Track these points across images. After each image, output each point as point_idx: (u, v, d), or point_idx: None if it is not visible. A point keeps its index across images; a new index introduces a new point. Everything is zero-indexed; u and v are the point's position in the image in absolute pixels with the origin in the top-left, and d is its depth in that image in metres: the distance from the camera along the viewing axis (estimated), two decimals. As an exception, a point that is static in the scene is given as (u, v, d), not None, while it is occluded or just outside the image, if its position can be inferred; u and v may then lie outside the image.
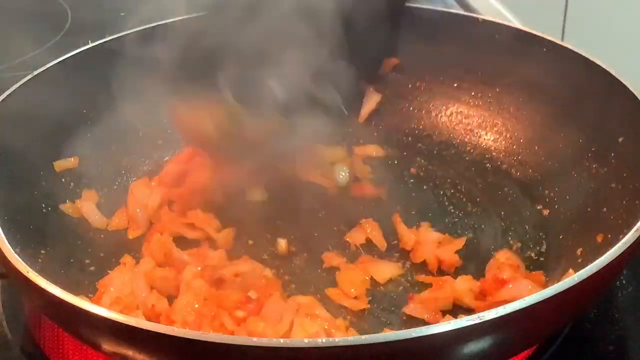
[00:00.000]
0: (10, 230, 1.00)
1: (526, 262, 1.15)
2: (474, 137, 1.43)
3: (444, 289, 1.07)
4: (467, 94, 1.45)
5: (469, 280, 1.09)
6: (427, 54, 1.44)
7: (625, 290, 1.13)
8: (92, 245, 1.21)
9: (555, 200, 1.26)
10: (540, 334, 0.96)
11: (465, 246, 1.18)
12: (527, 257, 1.17)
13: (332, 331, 0.99)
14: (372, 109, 1.48)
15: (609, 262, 0.85)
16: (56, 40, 1.83)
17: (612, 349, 1.04)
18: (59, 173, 1.26)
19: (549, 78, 1.31)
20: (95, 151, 1.33)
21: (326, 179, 1.29)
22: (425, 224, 1.23)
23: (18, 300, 1.13)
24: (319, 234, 1.21)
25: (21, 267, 0.89)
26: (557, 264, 1.13)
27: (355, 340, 0.76)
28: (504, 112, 1.41)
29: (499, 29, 1.38)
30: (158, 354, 0.84)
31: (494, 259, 1.14)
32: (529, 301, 0.79)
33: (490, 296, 1.04)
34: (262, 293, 1.03)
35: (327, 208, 1.26)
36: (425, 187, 1.35)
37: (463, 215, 1.27)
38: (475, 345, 0.83)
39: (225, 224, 1.22)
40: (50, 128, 1.24)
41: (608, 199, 1.13)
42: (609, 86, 1.18)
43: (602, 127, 1.21)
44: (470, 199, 1.31)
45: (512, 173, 1.34)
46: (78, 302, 0.83)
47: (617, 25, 2.24)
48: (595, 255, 0.87)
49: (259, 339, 0.78)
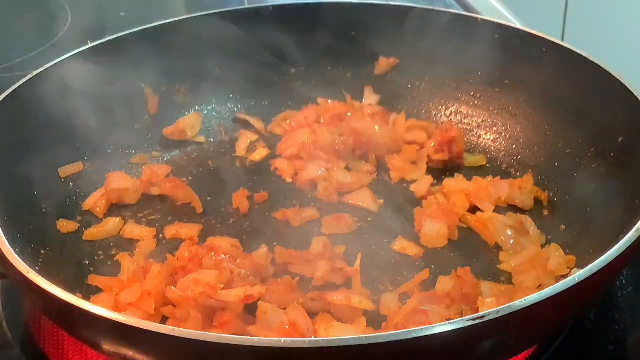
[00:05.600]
0: (10, 230, 1.00)
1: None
2: (474, 137, 1.43)
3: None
4: (467, 94, 1.45)
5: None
6: (427, 54, 1.44)
7: (625, 290, 1.13)
8: (90, 245, 1.21)
9: (555, 200, 1.26)
10: (540, 334, 0.96)
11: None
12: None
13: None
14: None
15: (609, 262, 0.85)
16: (56, 40, 1.83)
17: (612, 349, 1.04)
18: (61, 176, 1.27)
19: (548, 78, 1.31)
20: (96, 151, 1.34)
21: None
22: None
23: (18, 300, 1.13)
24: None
25: (21, 267, 0.89)
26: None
27: (356, 340, 0.76)
28: (504, 112, 1.41)
29: (499, 29, 1.38)
30: (158, 354, 0.84)
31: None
32: (529, 301, 0.79)
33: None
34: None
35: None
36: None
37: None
38: (476, 345, 0.83)
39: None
40: (50, 128, 1.24)
41: (608, 199, 1.13)
42: (609, 86, 1.18)
43: (602, 127, 1.21)
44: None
45: (512, 173, 1.34)
46: (78, 302, 0.83)
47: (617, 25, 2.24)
48: (595, 256, 0.87)
49: (259, 339, 0.78)
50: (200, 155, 1.44)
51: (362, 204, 1.28)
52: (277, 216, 1.26)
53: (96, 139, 1.34)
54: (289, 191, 1.33)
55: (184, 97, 1.47)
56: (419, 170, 1.35)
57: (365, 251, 1.17)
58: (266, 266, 1.13)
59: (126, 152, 1.39)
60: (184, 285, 1.03)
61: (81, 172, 1.31)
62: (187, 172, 1.39)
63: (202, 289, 1.01)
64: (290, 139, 1.40)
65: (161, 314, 1.03)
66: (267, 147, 1.44)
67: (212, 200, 1.30)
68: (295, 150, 1.38)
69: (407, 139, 1.40)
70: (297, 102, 1.50)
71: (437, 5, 1.63)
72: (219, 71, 1.47)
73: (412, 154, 1.37)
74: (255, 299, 1.02)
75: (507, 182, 1.28)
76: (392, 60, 1.50)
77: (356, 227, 1.24)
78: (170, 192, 1.30)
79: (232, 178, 1.36)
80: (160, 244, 1.22)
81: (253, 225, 1.25)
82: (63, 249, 1.18)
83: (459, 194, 1.27)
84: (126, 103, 1.38)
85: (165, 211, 1.29)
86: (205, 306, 1.01)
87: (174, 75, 1.44)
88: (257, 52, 1.45)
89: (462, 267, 1.08)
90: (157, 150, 1.43)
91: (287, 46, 1.45)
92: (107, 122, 1.35)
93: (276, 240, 1.20)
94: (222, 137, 1.48)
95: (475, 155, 1.39)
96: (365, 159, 1.39)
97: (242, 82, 1.49)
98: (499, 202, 1.26)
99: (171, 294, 1.03)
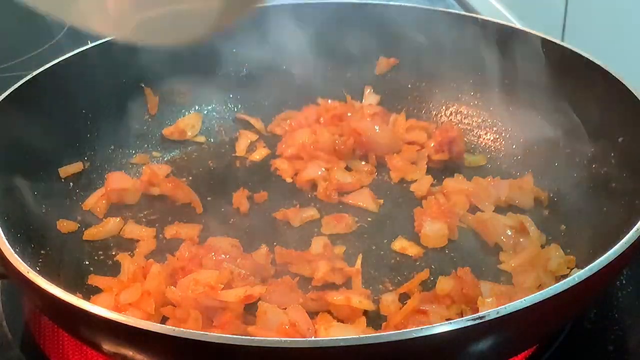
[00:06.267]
0: (10, 231, 1.00)
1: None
2: (474, 137, 1.43)
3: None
4: (467, 94, 1.45)
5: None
6: (427, 54, 1.44)
7: (625, 290, 1.13)
8: (90, 245, 1.21)
9: (555, 200, 1.26)
10: (540, 334, 0.96)
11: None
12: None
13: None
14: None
15: (609, 262, 0.85)
16: (56, 40, 1.83)
17: (612, 349, 1.04)
18: (61, 176, 1.27)
19: (549, 78, 1.31)
20: (96, 151, 1.34)
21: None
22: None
23: (18, 300, 1.13)
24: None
25: (21, 267, 0.89)
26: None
27: (356, 340, 0.76)
28: (504, 112, 1.40)
29: (499, 29, 1.38)
30: (158, 353, 0.84)
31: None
32: (529, 301, 0.79)
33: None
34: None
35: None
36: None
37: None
38: (476, 345, 0.83)
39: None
40: (50, 128, 1.24)
41: (608, 199, 1.13)
42: (609, 86, 1.18)
43: (602, 127, 1.21)
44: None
45: (512, 173, 1.34)
46: (78, 302, 0.83)
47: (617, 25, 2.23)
48: (595, 256, 0.87)
49: (259, 339, 0.78)
50: (200, 155, 1.43)
51: (362, 204, 1.28)
52: (277, 216, 1.26)
53: (96, 139, 1.34)
54: (289, 191, 1.33)
55: (184, 97, 1.47)
56: (419, 170, 1.35)
57: (365, 251, 1.17)
58: (266, 266, 1.13)
59: (126, 152, 1.39)
60: (184, 285, 1.03)
61: (81, 172, 1.31)
62: (187, 172, 1.39)
63: (202, 289, 1.01)
64: (290, 139, 1.40)
65: (161, 314, 1.03)
66: (267, 147, 1.44)
67: (212, 200, 1.30)
68: (295, 150, 1.38)
69: (407, 139, 1.40)
70: (297, 102, 1.50)
71: (437, 6, 1.63)
72: (219, 71, 1.47)
73: (412, 154, 1.37)
74: (255, 299, 1.02)
75: (507, 182, 1.28)
76: (392, 60, 1.50)
77: (356, 227, 1.24)
78: (170, 192, 1.30)
79: (232, 178, 1.36)
80: (160, 244, 1.21)
81: (253, 225, 1.25)
82: (63, 249, 1.18)
83: (459, 194, 1.27)
84: (126, 103, 1.38)
85: (165, 211, 1.29)
86: (205, 306, 1.01)
87: (174, 75, 1.44)
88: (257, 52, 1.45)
89: (462, 267, 1.08)
90: (157, 150, 1.43)
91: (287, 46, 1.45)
92: (107, 122, 1.36)
93: (276, 240, 1.20)
94: (222, 137, 1.48)
95: (475, 155, 1.39)
96: (365, 159, 1.39)
97: (242, 82, 1.49)
98: (499, 202, 1.26)
99: (171, 294, 1.03)
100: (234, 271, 1.07)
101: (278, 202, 1.29)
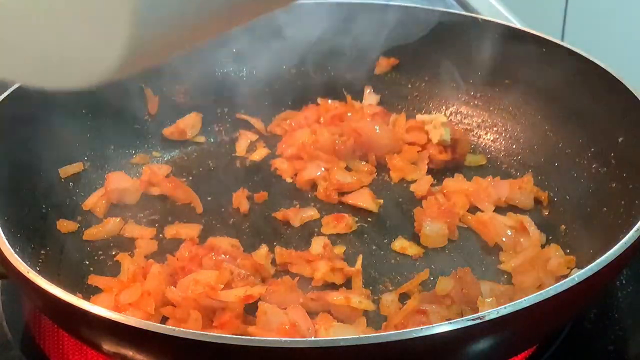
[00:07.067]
0: (10, 231, 1.00)
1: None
2: (474, 137, 1.43)
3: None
4: (467, 94, 1.45)
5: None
6: (427, 54, 1.44)
7: (625, 290, 1.13)
8: (90, 245, 1.21)
9: (555, 200, 1.26)
10: (540, 334, 0.96)
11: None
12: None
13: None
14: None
15: (609, 262, 0.85)
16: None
17: (612, 349, 1.04)
18: (61, 176, 1.27)
19: (549, 78, 1.31)
20: (96, 151, 1.34)
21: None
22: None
23: (18, 300, 1.13)
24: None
25: (21, 267, 0.89)
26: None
27: (356, 340, 0.76)
28: (503, 112, 1.41)
29: (499, 29, 1.38)
30: (157, 353, 0.84)
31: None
32: (529, 301, 0.79)
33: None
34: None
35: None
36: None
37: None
38: (476, 345, 0.83)
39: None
40: (50, 128, 1.24)
41: (608, 199, 1.13)
42: (609, 86, 1.18)
43: (602, 127, 1.21)
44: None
45: (512, 173, 1.34)
46: (78, 302, 0.83)
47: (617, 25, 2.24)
48: (595, 256, 0.87)
49: (259, 339, 0.78)
50: (200, 155, 1.43)
51: (362, 204, 1.28)
52: (277, 216, 1.26)
53: (96, 139, 1.34)
54: (289, 191, 1.33)
55: (183, 97, 1.47)
56: (419, 171, 1.35)
57: (365, 251, 1.17)
58: (266, 266, 1.13)
59: (126, 152, 1.39)
60: (184, 285, 1.04)
61: (81, 172, 1.31)
62: (187, 172, 1.38)
63: (202, 289, 1.01)
64: (290, 139, 1.40)
65: (161, 314, 1.03)
66: (267, 147, 1.44)
67: (212, 200, 1.30)
68: (295, 150, 1.38)
69: (408, 139, 1.40)
70: (297, 102, 1.50)
71: (437, 6, 1.63)
72: (219, 71, 1.47)
73: (412, 154, 1.37)
74: (255, 299, 1.02)
75: (507, 182, 1.28)
76: (392, 60, 1.50)
77: (356, 227, 1.24)
78: (170, 192, 1.30)
79: (232, 178, 1.36)
80: (160, 244, 1.21)
81: (253, 225, 1.25)
82: (63, 249, 1.18)
83: (459, 194, 1.27)
84: (126, 103, 1.38)
85: (165, 211, 1.29)
86: (205, 306, 1.01)
87: (175, 75, 1.44)
88: (257, 52, 1.45)
89: (462, 267, 1.08)
90: (157, 150, 1.43)
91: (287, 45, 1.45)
92: (107, 122, 1.36)
93: (276, 240, 1.20)
94: (222, 137, 1.48)
95: (475, 155, 1.39)
96: (365, 159, 1.39)
97: (242, 82, 1.49)
98: (499, 202, 1.26)
99: (171, 294, 1.03)
100: (234, 271, 1.07)
101: (278, 202, 1.29)
